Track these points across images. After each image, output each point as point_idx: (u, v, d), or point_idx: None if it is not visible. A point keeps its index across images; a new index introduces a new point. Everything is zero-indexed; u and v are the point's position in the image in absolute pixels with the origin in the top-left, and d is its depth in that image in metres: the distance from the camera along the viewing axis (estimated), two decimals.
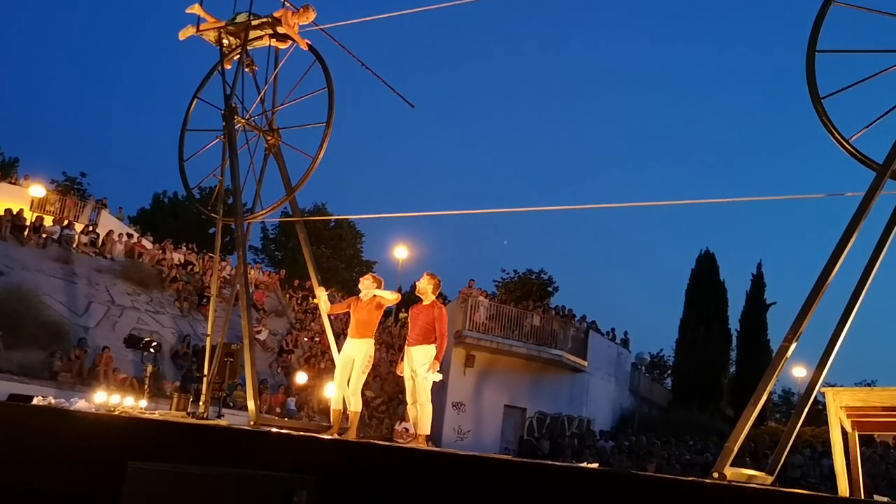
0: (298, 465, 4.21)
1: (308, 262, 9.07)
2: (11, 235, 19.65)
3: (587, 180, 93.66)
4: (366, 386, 7.92)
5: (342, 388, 7.43)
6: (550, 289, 33.62)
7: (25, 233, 20.15)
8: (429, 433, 7.15)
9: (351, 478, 4.52)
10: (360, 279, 7.73)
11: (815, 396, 5.21)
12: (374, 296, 7.50)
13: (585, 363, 24.00)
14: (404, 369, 7.26)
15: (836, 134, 5.79)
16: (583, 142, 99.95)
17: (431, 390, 7.15)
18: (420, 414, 7.08)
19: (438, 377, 7.06)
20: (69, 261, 20.17)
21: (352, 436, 7.11)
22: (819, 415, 17.56)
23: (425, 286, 7.37)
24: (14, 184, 26.34)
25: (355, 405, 7.43)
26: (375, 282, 7.63)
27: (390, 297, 7.68)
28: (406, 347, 7.28)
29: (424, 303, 7.40)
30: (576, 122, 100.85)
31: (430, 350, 7.08)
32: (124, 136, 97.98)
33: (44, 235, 20.59)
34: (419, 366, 7.05)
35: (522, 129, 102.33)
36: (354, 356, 7.38)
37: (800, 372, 29.21)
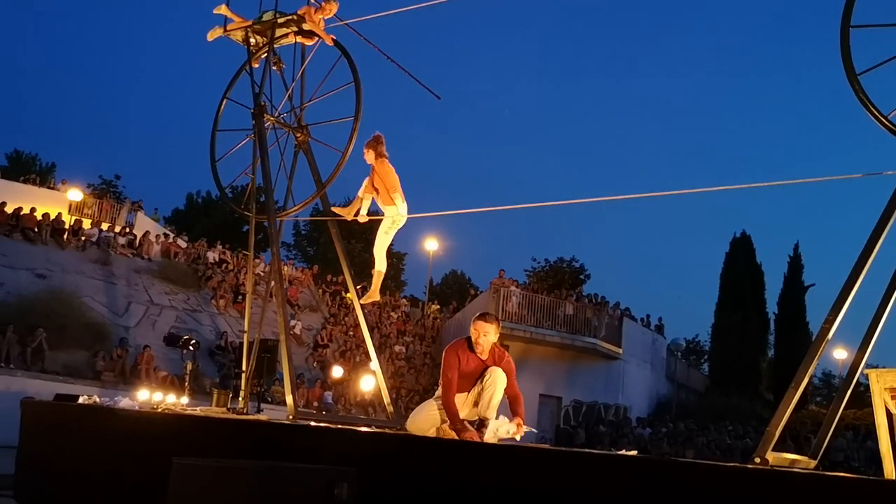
0: (338, 457, 4.25)
1: (340, 257, 9.12)
2: (52, 239, 20.10)
3: (617, 166, 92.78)
4: (402, 381, 6.85)
5: None
6: (582, 276, 33.44)
7: (65, 236, 20.60)
8: None
9: (392, 469, 4.56)
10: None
11: (858, 378, 5.12)
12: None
13: (620, 350, 23.84)
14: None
15: (874, 110, 5.65)
16: (611, 130, 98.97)
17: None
18: None
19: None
20: (108, 262, 20.59)
21: None
22: (862, 397, 17.24)
23: (494, 335, 5.24)
24: (52, 189, 26.94)
25: None
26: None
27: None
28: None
29: (484, 354, 5.22)
30: (603, 110, 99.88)
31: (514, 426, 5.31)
32: (158, 139, 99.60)
33: (83, 238, 21.03)
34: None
35: (550, 119, 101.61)
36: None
37: (840, 354, 28.70)
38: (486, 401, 5.14)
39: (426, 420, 5.27)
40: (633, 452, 5.52)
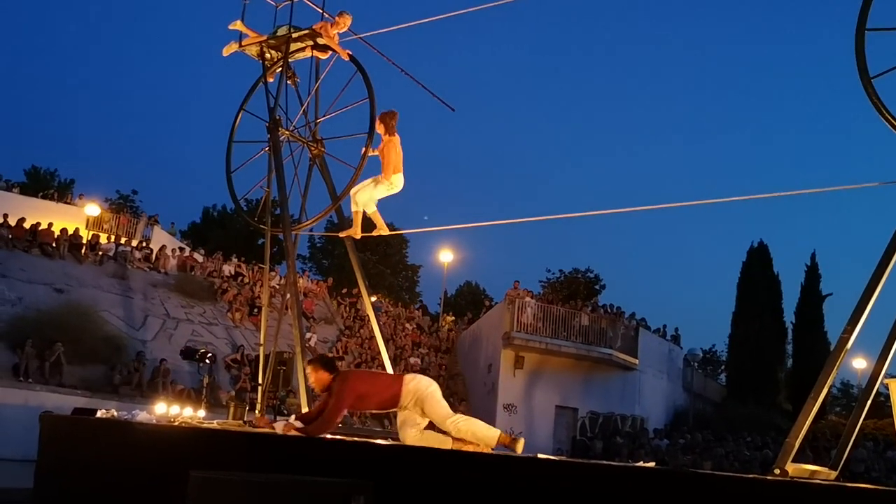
0: (355, 470, 4.26)
1: (356, 270, 9.17)
2: (69, 254, 20.29)
3: (632, 174, 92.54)
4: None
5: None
6: (598, 287, 33.33)
7: (82, 251, 20.78)
8: None
9: (408, 482, 4.55)
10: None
11: (878, 388, 5.07)
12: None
13: (636, 361, 23.69)
14: None
15: (888, 115, 5.61)
16: (623, 137, 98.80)
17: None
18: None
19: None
20: (125, 276, 20.73)
21: None
22: (881, 406, 17.02)
23: (315, 375, 5.62)
24: (70, 204, 27.25)
25: None
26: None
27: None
28: None
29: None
30: (616, 115, 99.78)
31: None
32: (174, 154, 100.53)
33: (100, 253, 21.21)
34: None
35: (563, 127, 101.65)
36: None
37: (860, 364, 28.40)
38: (468, 435, 5.43)
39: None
40: (651, 464, 5.49)
